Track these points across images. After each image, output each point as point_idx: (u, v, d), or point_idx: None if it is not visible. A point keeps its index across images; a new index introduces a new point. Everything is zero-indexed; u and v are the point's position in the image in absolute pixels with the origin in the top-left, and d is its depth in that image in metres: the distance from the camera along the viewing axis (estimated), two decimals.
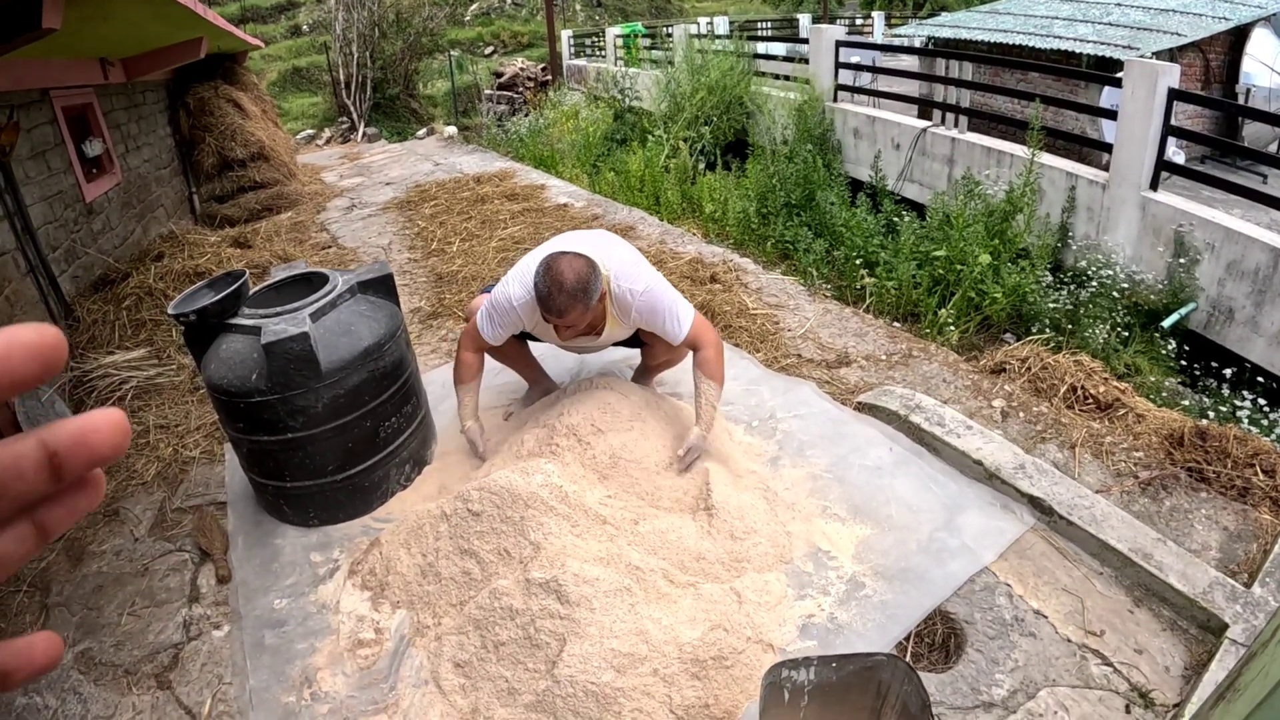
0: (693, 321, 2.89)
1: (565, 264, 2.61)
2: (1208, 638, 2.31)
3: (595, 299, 2.66)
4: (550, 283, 2.59)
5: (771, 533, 2.63)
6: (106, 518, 3.23)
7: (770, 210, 8.56)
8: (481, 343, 3.04)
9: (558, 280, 2.58)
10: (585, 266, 2.63)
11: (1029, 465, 2.92)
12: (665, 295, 2.87)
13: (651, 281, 2.87)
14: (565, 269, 2.60)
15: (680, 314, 2.86)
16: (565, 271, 2.59)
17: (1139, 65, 6.30)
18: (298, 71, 21.88)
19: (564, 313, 2.61)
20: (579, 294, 2.59)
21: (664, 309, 2.84)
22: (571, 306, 2.60)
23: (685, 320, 2.87)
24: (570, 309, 2.61)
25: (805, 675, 1.81)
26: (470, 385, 3.15)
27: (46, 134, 5.25)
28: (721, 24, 17.27)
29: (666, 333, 2.88)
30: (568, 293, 2.58)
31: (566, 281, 2.58)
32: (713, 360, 2.91)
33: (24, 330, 0.38)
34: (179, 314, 2.78)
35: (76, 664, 2.51)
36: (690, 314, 2.90)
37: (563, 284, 2.58)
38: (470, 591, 2.42)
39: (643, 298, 2.81)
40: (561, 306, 2.60)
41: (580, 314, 2.65)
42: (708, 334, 2.93)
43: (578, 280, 2.59)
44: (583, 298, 2.61)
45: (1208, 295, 5.89)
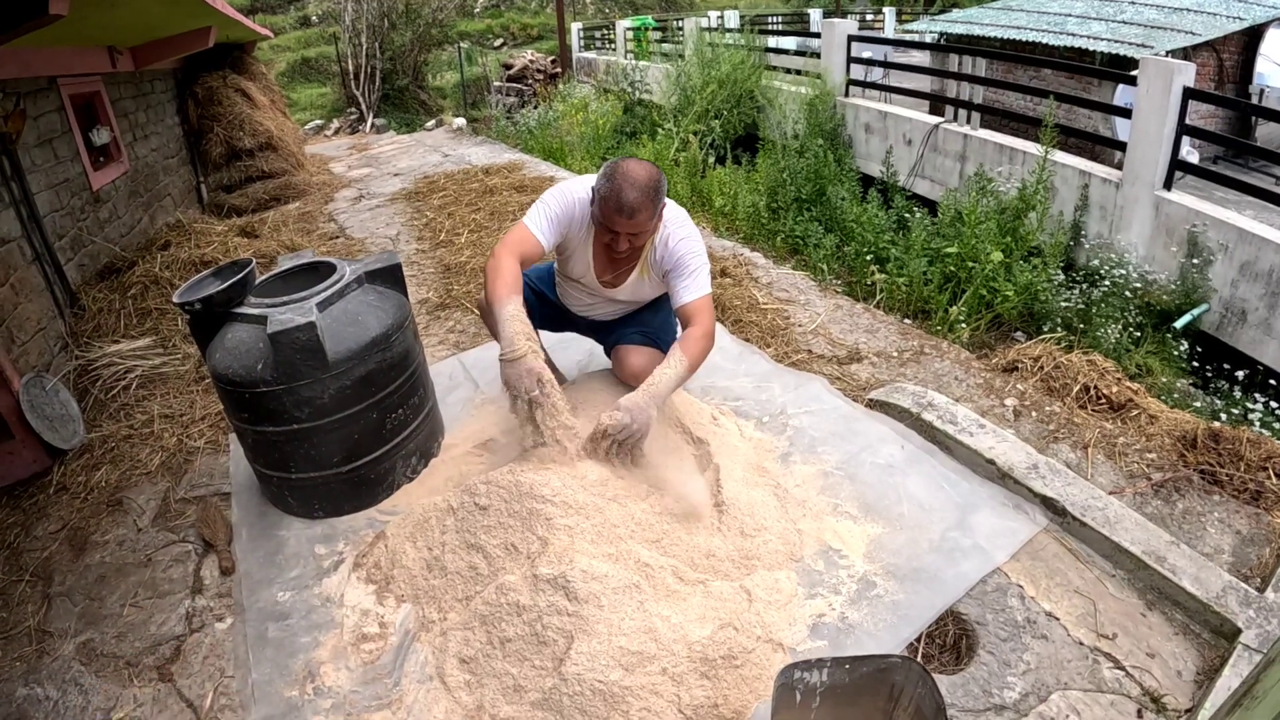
0: (703, 295, 2.73)
1: (636, 164, 2.54)
2: (1220, 642, 2.27)
3: (661, 205, 2.59)
4: (623, 179, 2.49)
5: (782, 530, 2.61)
6: (110, 508, 3.22)
7: (780, 205, 8.54)
8: (531, 245, 2.67)
9: (631, 177, 2.49)
10: (656, 170, 2.55)
11: (1042, 465, 2.89)
12: (699, 254, 2.75)
13: (693, 233, 2.78)
14: (637, 167, 2.52)
15: (700, 279, 2.73)
16: (637, 170, 2.51)
17: (1154, 63, 6.25)
18: (306, 62, 21.91)
19: (636, 211, 2.50)
20: (651, 191, 2.51)
21: (693, 262, 2.72)
22: (643, 206, 2.50)
23: (703, 287, 2.73)
24: (641, 208, 2.50)
25: (818, 676, 1.78)
26: (516, 299, 2.57)
27: (53, 122, 5.23)
28: (732, 18, 17.16)
29: (680, 287, 2.72)
30: (640, 189, 2.49)
31: (640, 178, 2.50)
32: (698, 341, 2.65)
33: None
34: (184, 302, 2.75)
35: (78, 655, 2.50)
36: (707, 287, 2.75)
37: (636, 180, 2.49)
38: (476, 586, 2.39)
39: (683, 242, 2.72)
40: (635, 204, 2.48)
41: (648, 218, 2.55)
42: (707, 316, 2.71)
43: (650, 179, 2.51)
44: (654, 197, 2.53)
45: (1220, 296, 5.85)
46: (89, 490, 3.35)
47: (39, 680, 2.41)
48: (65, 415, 3.67)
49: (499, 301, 2.54)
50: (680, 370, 2.60)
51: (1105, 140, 7.74)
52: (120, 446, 3.64)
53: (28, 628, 2.62)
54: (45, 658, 2.50)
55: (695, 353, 2.63)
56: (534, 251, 2.68)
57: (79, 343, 4.60)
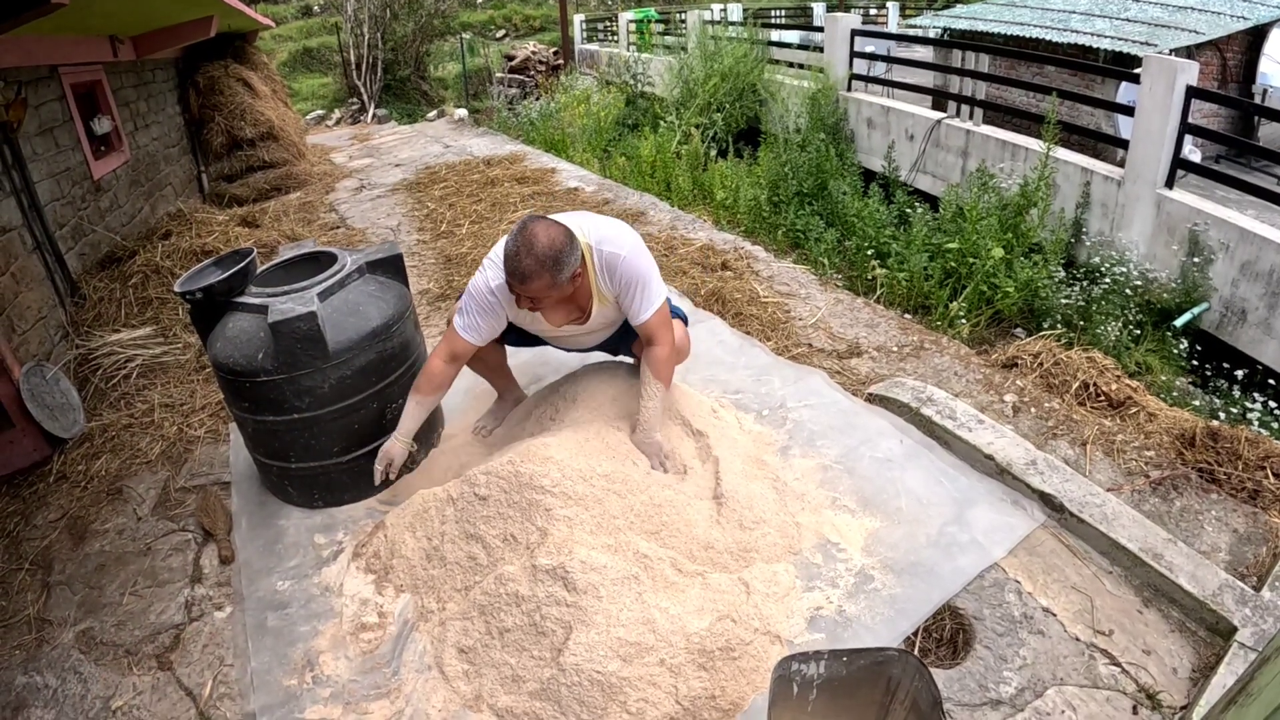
0: (658, 310, 2.68)
1: (541, 227, 2.40)
2: (1216, 640, 2.28)
3: (565, 275, 2.44)
4: (520, 242, 2.37)
5: (780, 523, 2.61)
6: (110, 496, 3.23)
7: (782, 199, 8.52)
8: (457, 344, 2.73)
9: (529, 240, 2.37)
10: (561, 235, 2.42)
11: (1040, 461, 2.89)
12: (649, 270, 2.66)
13: (635, 248, 2.64)
14: (539, 232, 2.38)
15: (653, 294, 2.67)
16: (538, 234, 2.37)
17: (1158, 61, 6.23)
18: (308, 52, 21.86)
19: (528, 279, 2.38)
20: (548, 261, 2.37)
21: (641, 281, 2.63)
22: (536, 274, 2.37)
23: (654, 303, 2.67)
24: (535, 276, 2.38)
25: (815, 669, 1.79)
26: (422, 399, 2.80)
27: (55, 111, 5.21)
28: (735, 11, 17.13)
29: (632, 309, 2.67)
30: (536, 257, 2.36)
31: (538, 243, 2.36)
32: (664, 361, 2.73)
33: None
34: (185, 292, 2.75)
35: (77, 643, 2.50)
36: (660, 300, 2.69)
37: (533, 245, 2.36)
38: (476, 577, 2.40)
39: (627, 261, 2.59)
40: (526, 271, 2.37)
41: (545, 286, 2.42)
42: (666, 330, 2.74)
43: (550, 245, 2.37)
44: (551, 267, 2.38)
45: (1221, 295, 5.85)
46: (89, 479, 3.35)
47: (38, 668, 2.42)
48: (65, 404, 3.67)
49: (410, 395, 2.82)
50: (659, 397, 2.77)
51: (1107, 138, 7.72)
52: (120, 435, 3.64)
53: (27, 616, 2.63)
54: (45, 646, 2.51)
55: (665, 374, 2.79)
56: (465, 350, 2.77)
57: (79, 332, 4.60)
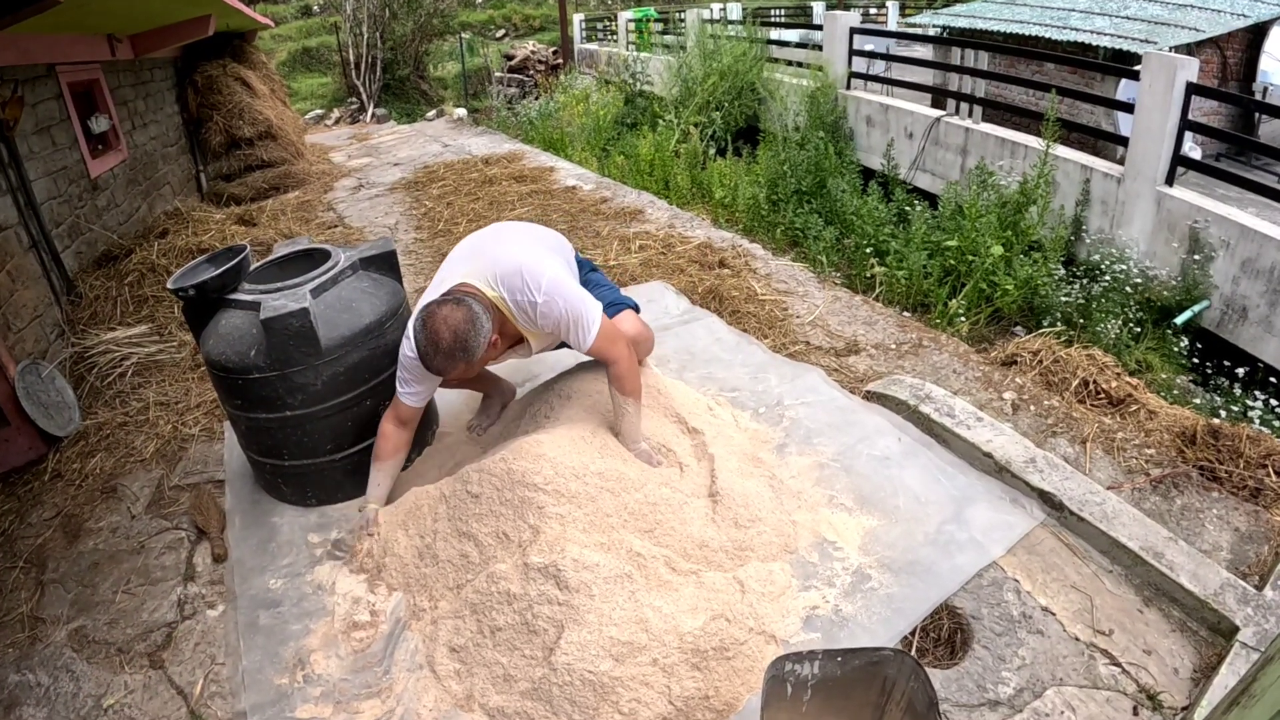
0: (599, 330, 2.60)
1: (440, 320, 2.36)
2: (1218, 640, 2.26)
3: (478, 354, 2.42)
4: (426, 342, 2.37)
5: (777, 521, 2.59)
6: (104, 495, 3.21)
7: (780, 197, 8.51)
8: (403, 410, 2.72)
9: (433, 340, 2.35)
10: (464, 320, 2.37)
11: (1040, 459, 2.87)
12: (567, 301, 2.56)
13: (552, 285, 2.54)
14: (440, 327, 2.35)
15: (586, 321, 2.58)
16: (440, 330, 2.34)
17: (1157, 58, 6.22)
18: (307, 51, 21.87)
19: (444, 373, 2.43)
20: (456, 353, 2.36)
21: (565, 318, 2.56)
22: (450, 367, 2.39)
23: (591, 328, 2.59)
24: (449, 368, 2.40)
25: (809, 669, 1.77)
26: (383, 464, 2.78)
27: (52, 109, 5.20)
28: (734, 9, 17.10)
29: (574, 343, 2.64)
30: (444, 353, 2.36)
31: (441, 341, 2.34)
32: (626, 376, 2.67)
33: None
34: (178, 289, 2.74)
35: (70, 641, 2.49)
36: (597, 321, 2.60)
37: (438, 344, 2.35)
38: (468, 575, 2.38)
39: (543, 307, 2.53)
40: (439, 368, 2.40)
41: (461, 372, 2.46)
42: (616, 347, 2.66)
43: (455, 339, 2.35)
44: (462, 356, 2.37)
45: (1221, 293, 5.83)
46: (83, 477, 3.34)
47: (31, 666, 2.40)
48: (61, 402, 3.66)
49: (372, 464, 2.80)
50: (634, 412, 2.75)
51: (1107, 135, 7.71)
52: (115, 434, 3.63)
53: (20, 614, 2.62)
54: (37, 644, 2.49)
55: (632, 389, 2.73)
56: (412, 414, 2.76)
57: (75, 330, 4.59)
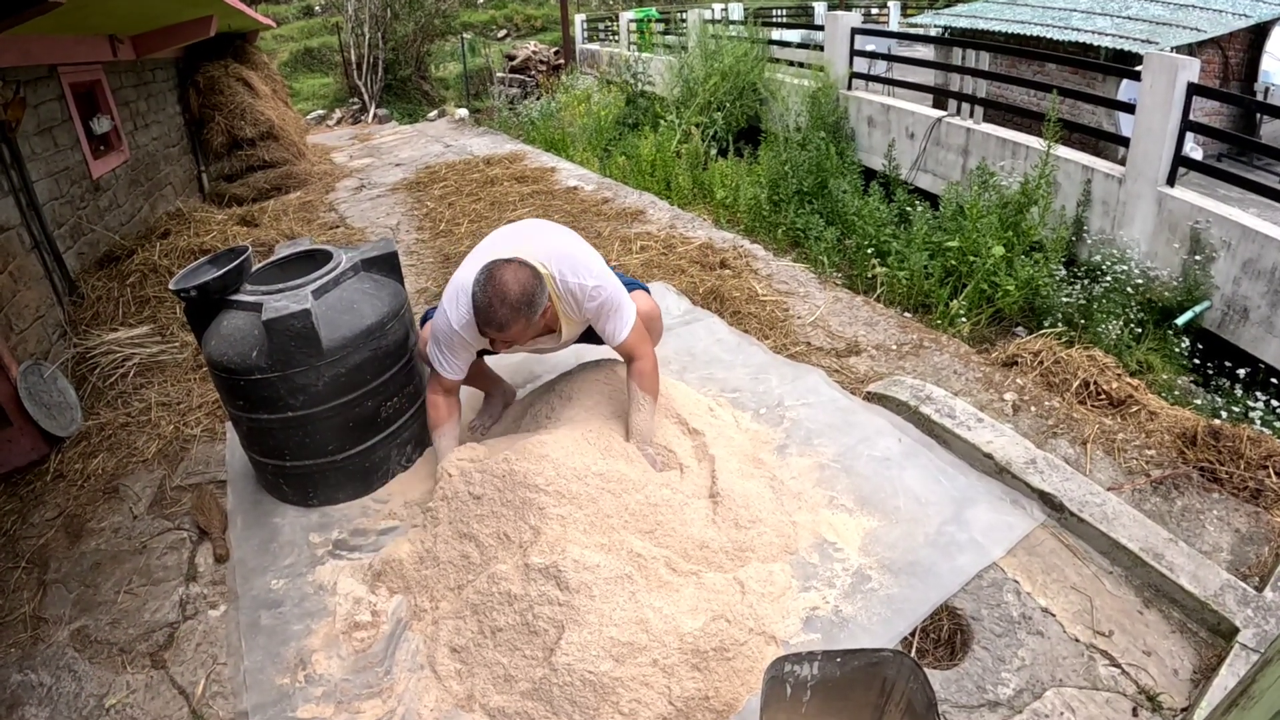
0: (633, 328, 2.72)
1: (510, 273, 2.39)
2: (1218, 641, 2.26)
3: (539, 312, 2.46)
4: (492, 294, 2.37)
5: (777, 522, 2.59)
6: (106, 495, 3.22)
7: (782, 197, 8.51)
8: (446, 382, 2.79)
9: (500, 291, 2.36)
10: (530, 277, 2.42)
11: (1040, 460, 2.87)
12: (616, 293, 2.68)
13: (601, 273, 2.67)
14: (509, 279, 2.38)
15: (626, 316, 2.70)
16: (509, 282, 2.37)
17: (1158, 59, 6.21)
18: (309, 52, 21.89)
19: (505, 326, 2.40)
20: (523, 307, 2.39)
21: (613, 308, 2.67)
22: (514, 320, 2.39)
23: (628, 324, 2.71)
24: (512, 323, 2.40)
25: (808, 670, 1.78)
26: (444, 428, 2.85)
27: (54, 110, 5.21)
28: (736, 10, 17.12)
29: (606, 332, 2.72)
30: (511, 305, 2.37)
31: (511, 293, 2.36)
32: (649, 374, 2.77)
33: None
34: (180, 289, 2.74)
35: (72, 641, 2.50)
36: (633, 318, 2.73)
37: (506, 295, 2.36)
38: (468, 575, 2.38)
39: (592, 291, 2.62)
40: (503, 320, 2.38)
41: (521, 329, 2.45)
42: (645, 345, 2.78)
43: (522, 292, 2.38)
44: (526, 311, 2.40)
45: (1222, 294, 5.83)
46: (86, 478, 3.34)
47: (33, 666, 2.41)
48: (63, 403, 3.67)
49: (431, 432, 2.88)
50: (650, 409, 2.82)
51: (1109, 135, 7.70)
52: (117, 434, 3.63)
53: (23, 614, 2.62)
54: (40, 644, 2.50)
55: (652, 387, 2.81)
56: (453, 384, 2.84)
57: (77, 330, 4.60)
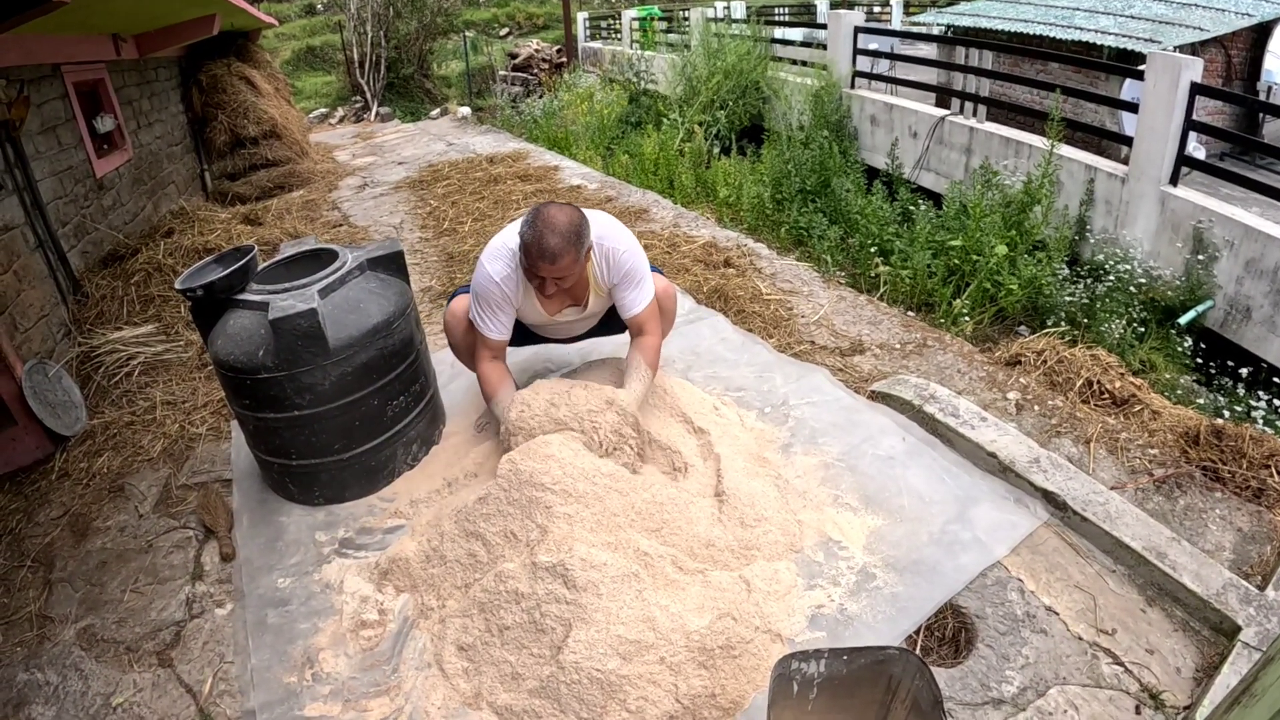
0: (651, 301, 2.88)
1: (554, 209, 2.55)
2: (1220, 640, 2.26)
3: (585, 248, 2.61)
4: (542, 226, 2.51)
5: (782, 521, 2.60)
6: (111, 494, 3.23)
7: (785, 196, 8.51)
8: (491, 344, 2.89)
9: (550, 223, 2.50)
10: (575, 212, 2.58)
11: (1043, 459, 2.88)
12: (643, 263, 2.85)
13: (632, 246, 2.83)
14: (555, 213, 2.53)
15: (646, 288, 2.86)
16: (556, 215, 2.53)
17: (1162, 58, 6.21)
18: (311, 50, 21.88)
19: (558, 257, 2.51)
20: (572, 237, 2.53)
21: (638, 276, 2.83)
22: (565, 251, 2.51)
23: (647, 296, 2.86)
24: (563, 253, 2.51)
25: (815, 667, 1.78)
26: (502, 393, 2.90)
27: (57, 109, 5.22)
28: (739, 8, 17.15)
29: (626, 299, 2.85)
30: (561, 234, 2.50)
31: (559, 223, 2.51)
32: (653, 349, 2.91)
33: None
34: (186, 289, 2.75)
35: (78, 640, 2.50)
36: (651, 294, 2.89)
37: (555, 226, 2.50)
38: (475, 574, 2.39)
39: (625, 256, 2.78)
40: (555, 249, 2.49)
41: (571, 262, 2.55)
42: (656, 323, 2.93)
43: (570, 223, 2.53)
44: (575, 241, 2.54)
45: (1225, 293, 5.83)
46: (91, 476, 3.35)
47: (40, 665, 2.42)
48: (68, 402, 3.67)
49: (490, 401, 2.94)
50: (647, 382, 2.91)
51: (1112, 135, 7.69)
52: (122, 433, 3.64)
53: (29, 613, 2.63)
54: (46, 643, 2.51)
55: (653, 360, 2.94)
56: (501, 345, 2.93)
57: (82, 329, 4.60)
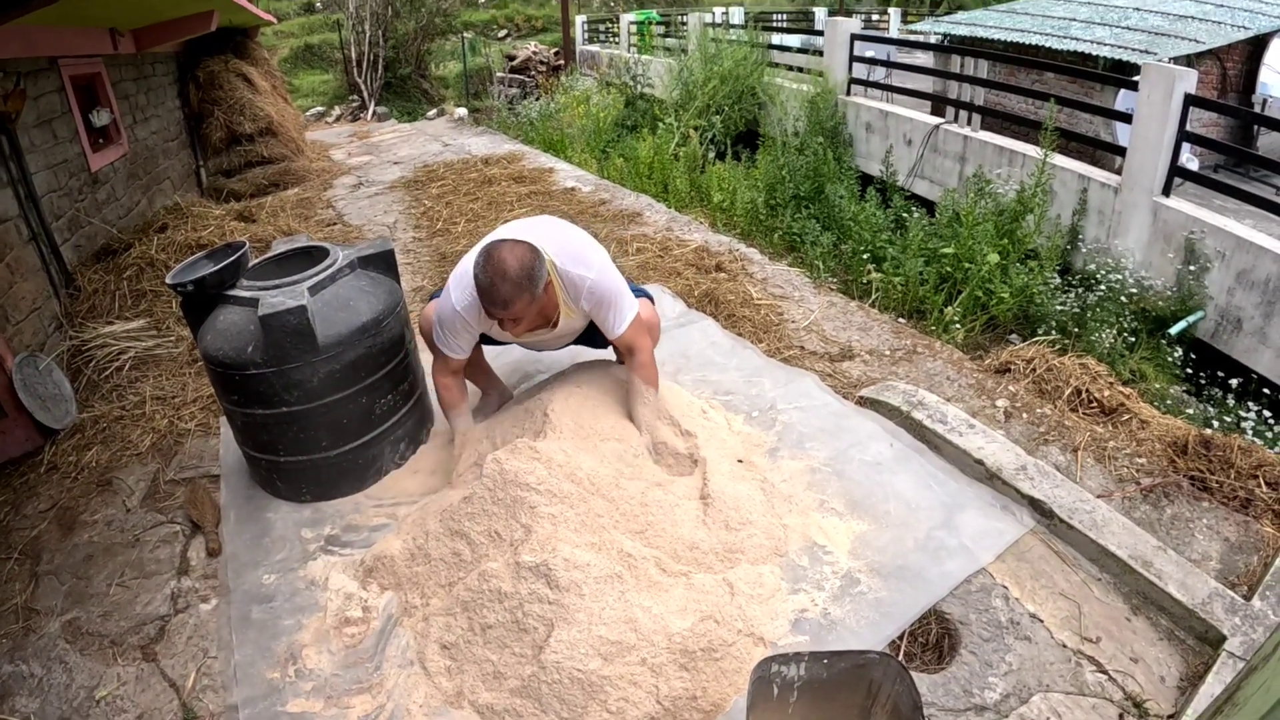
0: (633, 321, 2.80)
1: (506, 251, 2.45)
2: (1205, 649, 2.27)
3: (541, 287, 2.51)
4: (492, 272, 2.42)
5: (767, 525, 2.60)
6: (99, 488, 3.22)
7: (779, 202, 8.53)
8: (451, 363, 2.89)
9: (500, 269, 2.42)
10: (527, 252, 2.47)
11: (1030, 467, 2.89)
12: (614, 284, 2.75)
13: (602, 266, 2.73)
14: (506, 256, 2.43)
15: (624, 309, 2.77)
16: (507, 259, 2.43)
17: (1156, 69, 6.24)
18: (309, 49, 21.88)
19: (509, 303, 2.45)
20: (524, 281, 2.44)
21: (611, 299, 2.74)
22: (517, 296, 2.44)
23: (627, 316, 2.78)
24: (515, 298, 2.45)
25: (795, 671, 1.79)
26: (459, 408, 3.00)
27: (53, 102, 5.21)
28: (736, 14, 17.18)
29: (605, 325, 2.78)
30: (512, 281, 2.42)
31: (510, 269, 2.42)
32: (649, 365, 2.89)
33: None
34: (177, 284, 2.75)
35: (63, 633, 2.50)
36: (633, 311, 2.80)
37: (506, 272, 2.41)
38: (459, 573, 2.39)
39: (592, 282, 2.69)
40: (506, 296, 2.43)
41: (526, 304, 2.49)
42: (644, 338, 2.86)
43: (521, 267, 2.43)
44: (528, 285, 2.46)
45: (1216, 304, 5.85)
46: (79, 470, 3.35)
47: (24, 657, 2.41)
48: (58, 395, 3.67)
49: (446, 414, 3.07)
50: (653, 400, 2.96)
51: (1105, 145, 7.72)
52: (112, 427, 3.63)
53: (14, 605, 2.63)
54: (31, 635, 2.50)
55: (652, 378, 2.96)
56: (458, 364, 2.93)
57: (73, 323, 4.60)
